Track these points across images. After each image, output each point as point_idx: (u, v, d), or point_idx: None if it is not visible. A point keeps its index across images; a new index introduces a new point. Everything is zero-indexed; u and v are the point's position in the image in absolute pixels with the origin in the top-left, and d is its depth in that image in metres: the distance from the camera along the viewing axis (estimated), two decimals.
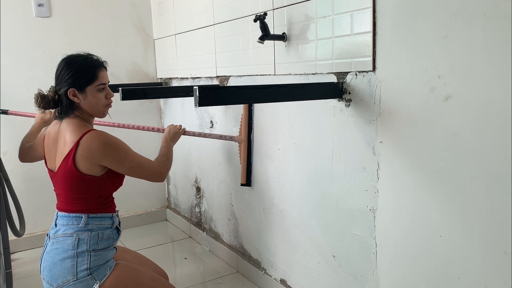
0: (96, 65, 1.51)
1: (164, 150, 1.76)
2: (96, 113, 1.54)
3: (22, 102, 2.58)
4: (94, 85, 1.48)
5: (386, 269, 1.39)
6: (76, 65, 1.47)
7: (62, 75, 1.48)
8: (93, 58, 1.52)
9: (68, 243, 1.41)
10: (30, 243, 2.66)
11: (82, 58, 1.50)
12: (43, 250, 1.48)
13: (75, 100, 1.48)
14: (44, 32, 2.61)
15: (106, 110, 1.56)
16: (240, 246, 2.28)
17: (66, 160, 1.43)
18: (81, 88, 1.47)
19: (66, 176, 1.44)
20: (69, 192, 1.46)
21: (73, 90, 1.46)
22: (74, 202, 1.46)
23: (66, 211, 1.46)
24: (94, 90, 1.49)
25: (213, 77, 2.28)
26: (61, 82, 1.48)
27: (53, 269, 1.40)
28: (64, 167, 1.44)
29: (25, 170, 2.64)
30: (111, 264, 1.46)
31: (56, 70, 1.51)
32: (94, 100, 1.49)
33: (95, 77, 1.48)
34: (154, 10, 2.93)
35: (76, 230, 1.43)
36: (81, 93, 1.47)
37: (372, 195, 1.39)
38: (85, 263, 1.40)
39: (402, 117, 1.25)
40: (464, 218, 1.12)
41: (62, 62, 1.51)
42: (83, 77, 1.46)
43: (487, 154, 1.05)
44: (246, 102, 1.36)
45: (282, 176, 1.84)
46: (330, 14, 1.44)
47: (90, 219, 1.46)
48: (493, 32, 1.00)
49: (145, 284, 1.50)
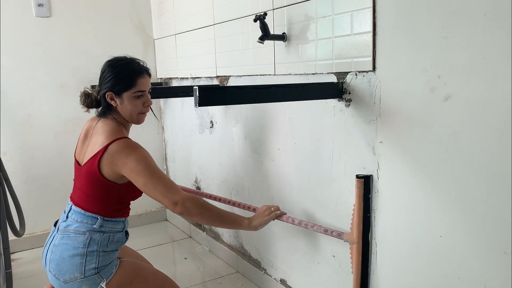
0: (137, 71, 1.50)
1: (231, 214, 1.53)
2: (130, 119, 1.54)
3: (22, 102, 2.59)
4: (131, 92, 1.49)
5: (386, 269, 1.39)
6: (116, 69, 1.48)
7: (104, 77, 1.49)
8: (134, 63, 1.52)
9: (79, 241, 1.43)
10: (30, 243, 2.66)
11: (124, 63, 1.50)
12: (49, 240, 1.50)
13: (112, 103, 1.50)
14: (44, 32, 2.61)
15: (141, 118, 1.56)
16: (240, 246, 2.28)
17: (92, 160, 1.44)
18: (118, 92, 1.48)
19: (89, 176, 1.45)
20: (89, 192, 1.47)
21: (111, 93, 1.48)
22: (91, 203, 1.47)
23: (82, 208, 1.47)
24: (131, 96, 1.49)
25: (213, 77, 2.28)
26: (102, 83, 1.50)
27: (61, 263, 1.42)
28: (90, 166, 1.45)
29: (25, 170, 2.64)
30: (116, 262, 1.49)
31: (100, 71, 1.52)
32: (130, 106, 1.50)
33: (133, 84, 1.48)
34: (154, 10, 2.93)
35: (89, 230, 1.45)
36: (118, 98, 1.49)
37: (372, 195, 1.39)
38: (93, 262, 1.42)
39: (402, 117, 1.25)
40: (464, 218, 1.12)
41: (106, 64, 1.52)
42: (121, 83, 1.47)
43: (487, 154, 1.05)
44: (246, 102, 1.35)
45: (282, 176, 1.84)
46: (330, 14, 1.44)
47: (105, 221, 1.47)
48: (493, 32, 1.00)
49: (149, 278, 1.54)
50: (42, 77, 2.62)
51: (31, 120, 2.62)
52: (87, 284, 1.42)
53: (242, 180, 2.16)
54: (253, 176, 2.06)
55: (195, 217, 1.46)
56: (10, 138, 2.57)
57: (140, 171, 1.41)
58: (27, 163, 2.64)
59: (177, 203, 1.42)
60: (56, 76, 2.66)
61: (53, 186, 2.71)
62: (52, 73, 2.64)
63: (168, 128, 3.00)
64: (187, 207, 1.43)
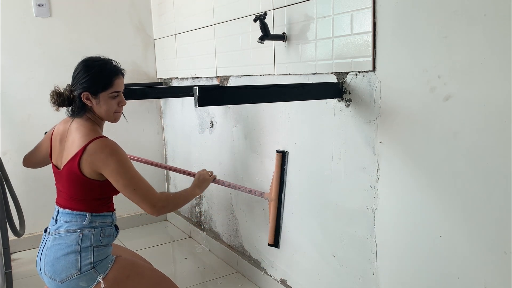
0: (114, 72, 1.51)
1: (182, 192, 1.69)
2: (107, 118, 1.54)
3: (22, 102, 2.59)
4: (108, 92, 1.49)
5: (386, 269, 1.39)
6: (93, 70, 1.48)
7: (79, 77, 1.48)
8: (111, 64, 1.52)
9: (71, 239, 1.44)
10: (30, 243, 2.66)
11: (101, 63, 1.50)
12: (42, 246, 1.50)
13: (88, 103, 1.49)
14: (44, 32, 2.61)
15: (117, 116, 1.57)
16: (240, 246, 2.28)
17: (72, 162, 1.44)
18: (94, 93, 1.48)
19: (70, 177, 1.46)
20: (72, 192, 1.48)
21: (87, 94, 1.47)
22: (76, 202, 1.48)
23: (69, 208, 1.48)
24: (107, 97, 1.49)
25: (213, 77, 2.28)
26: (76, 83, 1.49)
27: (56, 264, 1.42)
28: (70, 168, 1.45)
29: (25, 170, 2.60)
30: (112, 258, 1.50)
31: (74, 70, 1.52)
32: (106, 106, 1.50)
33: (110, 85, 1.49)
34: (154, 10, 2.93)
35: (80, 227, 1.46)
36: (94, 98, 1.48)
37: (372, 195, 1.39)
38: (88, 258, 1.43)
39: (402, 117, 1.25)
40: (464, 218, 1.12)
41: (81, 64, 1.51)
42: (99, 83, 1.47)
43: (487, 154, 1.05)
44: (246, 102, 1.35)
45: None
46: (330, 14, 1.44)
47: (94, 217, 1.49)
48: (493, 32, 1.00)
49: (145, 274, 1.55)
50: (42, 77, 2.62)
51: (31, 120, 2.62)
52: (84, 280, 1.42)
53: (242, 180, 2.15)
54: (253, 176, 2.06)
55: (167, 212, 1.58)
56: (10, 138, 2.57)
57: (120, 173, 1.43)
58: None
59: (155, 206, 1.49)
60: (56, 76, 2.65)
61: (53, 186, 2.68)
62: (52, 73, 2.64)
63: (168, 128, 3.00)
64: (162, 207, 1.52)
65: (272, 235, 1.76)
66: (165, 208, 1.54)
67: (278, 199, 1.71)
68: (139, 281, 1.52)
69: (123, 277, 1.49)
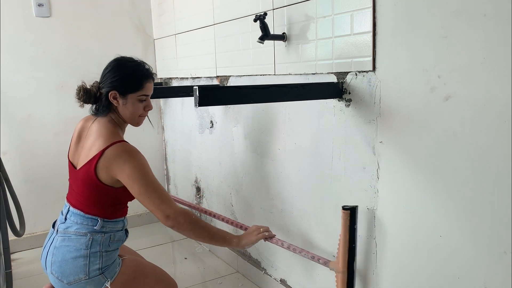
0: (146, 75, 1.50)
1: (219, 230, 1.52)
2: (130, 121, 1.53)
3: (22, 102, 2.59)
4: (137, 94, 1.48)
5: (386, 269, 1.39)
6: (126, 70, 1.46)
7: (109, 75, 1.46)
8: (144, 67, 1.51)
9: (81, 242, 1.42)
10: (30, 243, 2.66)
11: (134, 65, 1.49)
12: (49, 242, 1.49)
13: (114, 103, 1.47)
14: (44, 32, 2.61)
15: (141, 120, 1.55)
16: None
17: (89, 165, 1.42)
18: (123, 93, 1.46)
19: (86, 180, 1.43)
20: (86, 195, 1.45)
21: (115, 93, 1.46)
22: (90, 206, 1.46)
23: (81, 210, 1.46)
24: (135, 99, 1.48)
25: (213, 77, 2.28)
26: (106, 81, 1.47)
27: (64, 265, 1.42)
28: (86, 171, 1.42)
29: (25, 170, 2.64)
30: (119, 261, 1.50)
31: (105, 68, 1.50)
32: (132, 108, 1.49)
33: (141, 87, 1.48)
34: (154, 10, 2.93)
35: (90, 231, 1.44)
36: (121, 98, 1.47)
37: (372, 195, 1.39)
38: (97, 263, 1.42)
39: (402, 117, 1.25)
40: (464, 218, 1.12)
41: (113, 63, 1.49)
42: (129, 84, 1.46)
43: (487, 154, 1.05)
44: (246, 102, 1.35)
45: (282, 176, 1.84)
46: (330, 14, 1.44)
47: (106, 222, 1.47)
48: (493, 32, 1.00)
49: (150, 274, 1.56)
50: (42, 77, 2.62)
51: (31, 120, 2.62)
52: (92, 285, 1.43)
53: (242, 180, 2.16)
54: (253, 176, 2.06)
55: (186, 232, 1.44)
56: (10, 138, 2.57)
57: (136, 178, 1.38)
58: (27, 163, 2.64)
59: (169, 217, 1.40)
60: (56, 76, 2.66)
61: (53, 186, 2.71)
62: (52, 73, 2.64)
63: (168, 128, 3.00)
64: (180, 222, 1.41)
65: None
66: (182, 225, 1.41)
67: (348, 270, 1.37)
68: (144, 280, 1.53)
69: (130, 279, 1.49)
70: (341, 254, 1.38)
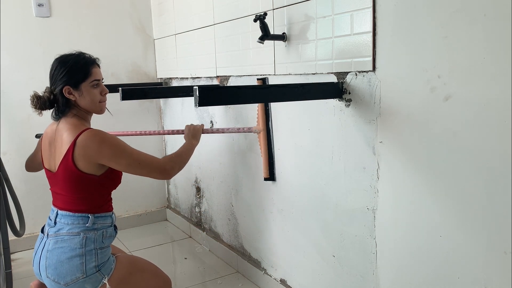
0: (89, 62, 1.53)
1: (182, 148, 1.72)
2: (93, 109, 1.55)
3: (22, 102, 2.58)
4: (88, 82, 1.50)
5: (386, 269, 1.39)
6: (69, 63, 1.49)
7: (57, 74, 1.49)
8: (85, 55, 1.54)
9: (75, 242, 1.43)
10: (30, 243, 2.66)
11: (75, 56, 1.52)
12: (40, 247, 1.49)
13: (71, 97, 1.49)
14: (44, 32, 2.61)
15: (103, 106, 1.57)
16: (240, 246, 2.28)
17: (65, 160, 1.44)
18: (75, 85, 1.48)
19: (67, 176, 1.45)
20: (71, 191, 1.47)
21: (68, 87, 1.48)
22: (76, 202, 1.47)
23: (70, 210, 1.47)
24: (88, 87, 1.50)
25: (213, 77, 2.28)
26: (55, 81, 1.50)
27: (59, 267, 1.42)
28: (64, 166, 1.44)
29: (25, 170, 2.64)
30: (113, 258, 1.52)
31: (50, 71, 1.52)
32: (89, 96, 1.51)
33: (89, 74, 1.50)
34: (154, 10, 2.93)
35: (83, 229, 1.46)
36: (76, 90, 1.49)
37: (372, 195, 1.39)
38: (93, 261, 1.44)
39: (402, 117, 1.25)
40: (464, 218, 1.12)
41: (56, 62, 1.52)
42: (77, 74, 1.48)
43: (487, 154, 1.05)
44: (246, 102, 1.35)
45: (282, 176, 1.84)
46: (330, 14, 1.44)
47: (96, 218, 1.49)
48: (493, 32, 1.00)
49: (145, 269, 1.59)
50: (42, 77, 2.60)
51: (31, 120, 2.62)
52: (90, 283, 1.44)
53: (242, 180, 2.16)
54: (253, 176, 2.06)
55: (176, 170, 1.60)
56: (10, 138, 2.57)
57: (119, 154, 1.45)
58: None
59: (164, 169, 1.54)
60: None
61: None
62: None
63: (168, 128, 3.00)
64: (172, 167, 1.57)
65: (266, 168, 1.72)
66: (174, 168, 1.58)
67: (267, 128, 1.71)
68: (141, 275, 1.56)
69: (127, 275, 1.52)
70: (260, 117, 1.72)
